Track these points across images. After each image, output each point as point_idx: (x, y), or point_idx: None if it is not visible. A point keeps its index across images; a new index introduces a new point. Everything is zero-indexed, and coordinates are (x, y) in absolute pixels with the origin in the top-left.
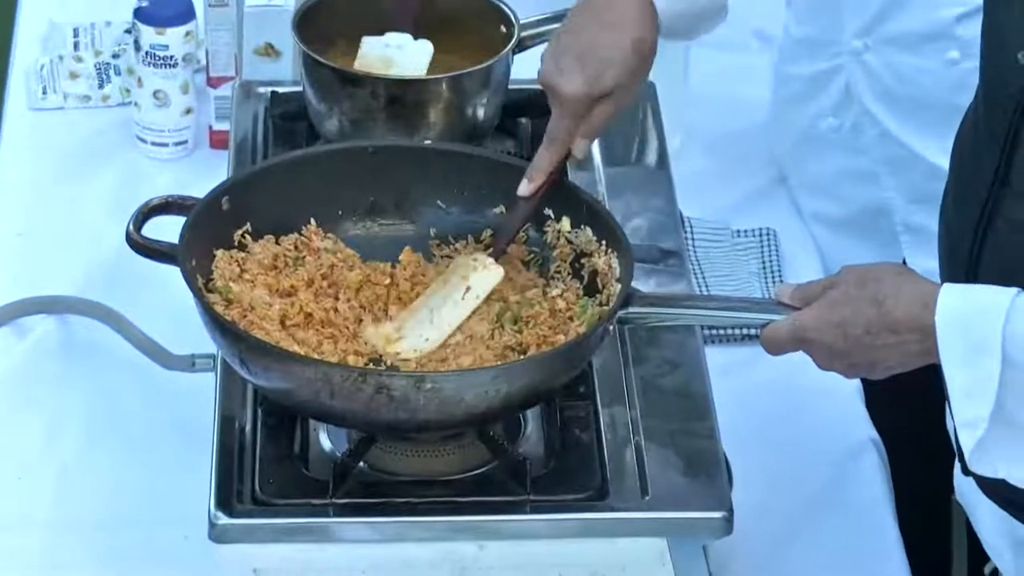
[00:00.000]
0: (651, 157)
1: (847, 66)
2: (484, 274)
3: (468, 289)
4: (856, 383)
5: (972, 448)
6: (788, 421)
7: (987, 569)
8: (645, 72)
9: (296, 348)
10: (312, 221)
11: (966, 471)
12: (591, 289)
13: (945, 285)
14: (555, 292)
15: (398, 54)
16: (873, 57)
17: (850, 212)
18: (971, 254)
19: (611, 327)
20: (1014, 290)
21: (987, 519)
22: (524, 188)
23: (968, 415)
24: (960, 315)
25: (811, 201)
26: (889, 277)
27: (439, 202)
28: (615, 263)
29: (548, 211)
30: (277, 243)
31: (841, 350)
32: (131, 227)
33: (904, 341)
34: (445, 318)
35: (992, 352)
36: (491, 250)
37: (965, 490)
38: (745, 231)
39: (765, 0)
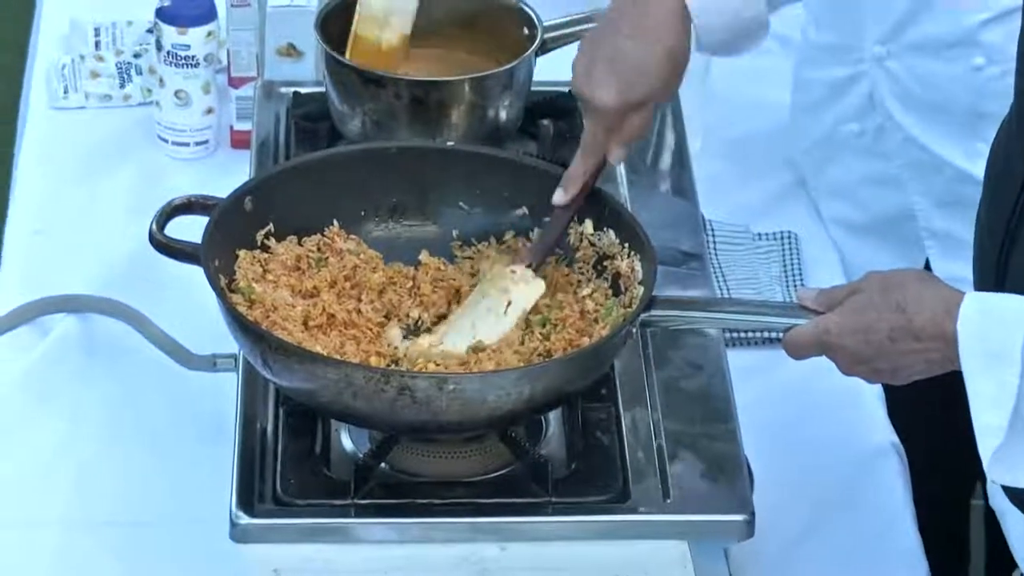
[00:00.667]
0: (672, 160)
1: (870, 72)
2: (526, 288)
3: (510, 304)
4: (877, 388)
5: (990, 457)
6: (809, 424)
7: None
8: (678, 81)
9: (318, 349)
10: (335, 222)
11: (989, 477)
12: (615, 291)
13: (968, 293)
14: (585, 292)
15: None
16: (896, 63)
17: (872, 217)
18: (999, 261)
19: (634, 330)
20: None
21: (1016, 526)
22: (559, 197)
23: (987, 423)
24: (981, 324)
25: (832, 205)
26: (913, 284)
27: (461, 203)
28: (638, 266)
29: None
30: (300, 244)
31: (864, 356)
32: (154, 226)
33: (926, 348)
34: (487, 332)
35: (1012, 361)
36: (528, 261)
37: (997, 498)
38: (766, 234)
39: None
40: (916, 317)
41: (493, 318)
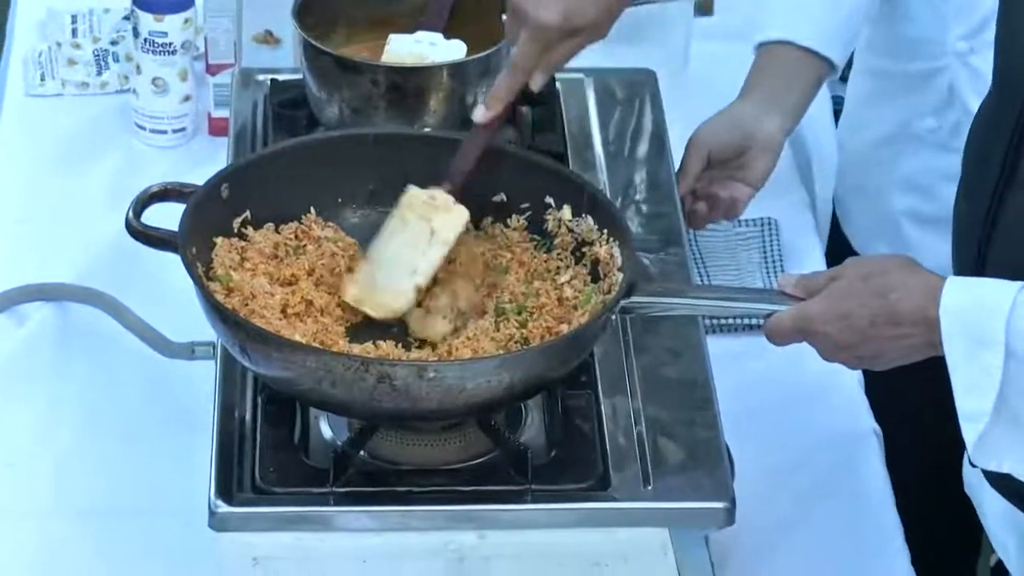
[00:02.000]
0: (651, 146)
1: (951, 67)
2: (448, 217)
3: (433, 233)
4: (857, 374)
5: (975, 442)
6: (789, 411)
7: (992, 561)
8: (618, 14)
9: (297, 337)
10: (312, 210)
11: (973, 463)
12: (594, 278)
13: (950, 279)
14: (563, 279)
15: (431, 51)
16: (979, 59)
17: (944, 210)
18: (979, 247)
19: (613, 317)
20: (1018, 284)
21: (993, 511)
22: (480, 114)
23: (970, 408)
24: (964, 309)
25: (903, 199)
26: (894, 270)
27: (440, 189)
28: (616, 252)
29: (549, 199)
30: (277, 232)
31: (845, 342)
32: (130, 214)
33: (908, 334)
34: (417, 268)
35: (995, 346)
36: (448, 186)
37: (973, 482)
38: (747, 220)
39: None
40: (897, 303)
41: (421, 250)
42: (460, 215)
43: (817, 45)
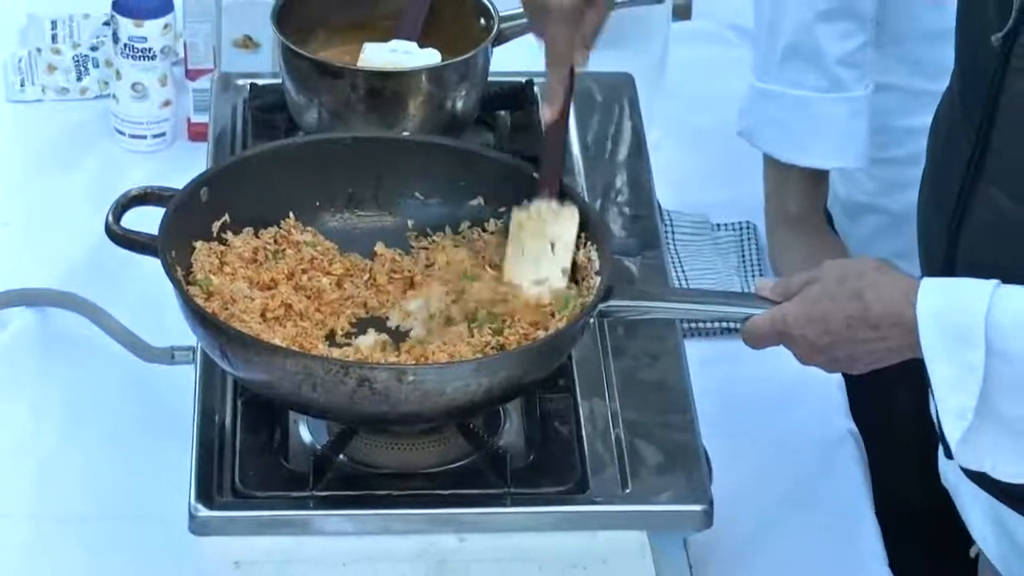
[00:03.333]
0: (629, 150)
1: None
2: (563, 223)
3: (553, 244)
4: (836, 377)
5: (958, 440)
6: (767, 414)
7: (972, 552)
8: None
9: (276, 341)
10: (291, 214)
11: (949, 455)
12: (572, 281)
13: (924, 279)
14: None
15: (406, 59)
16: None
17: None
18: (948, 240)
19: (591, 320)
20: (993, 282)
21: (971, 502)
22: (548, 113)
23: (953, 407)
24: (941, 308)
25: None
26: (870, 272)
27: (417, 193)
28: (594, 256)
29: (526, 203)
30: (257, 236)
31: (821, 345)
32: (110, 218)
33: (885, 336)
34: (549, 273)
35: (976, 343)
36: (549, 194)
37: (949, 475)
38: (725, 225)
39: None
40: (873, 305)
41: (546, 262)
42: (571, 215)
43: None
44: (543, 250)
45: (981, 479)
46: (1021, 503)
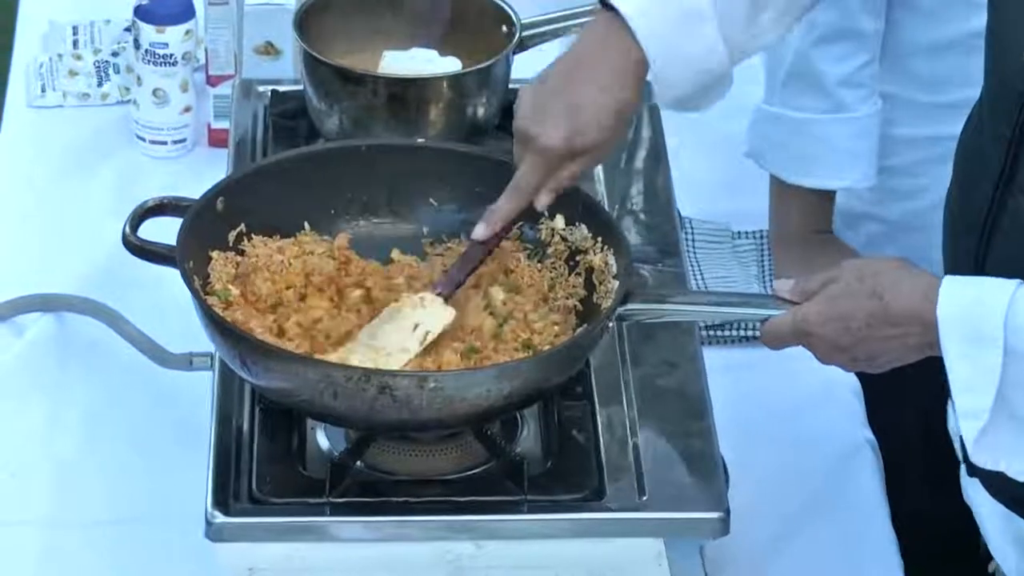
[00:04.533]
0: (649, 158)
1: None
2: (435, 314)
3: (417, 325)
4: (854, 385)
5: (974, 439)
6: (785, 422)
7: (991, 568)
8: (623, 135)
9: (293, 349)
10: (306, 225)
11: (972, 472)
12: (588, 287)
13: (946, 278)
14: (560, 295)
15: (426, 67)
16: None
17: None
18: (977, 253)
19: (610, 324)
20: (1015, 282)
21: (992, 519)
22: (480, 231)
23: (969, 407)
24: (961, 308)
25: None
26: (889, 270)
27: (432, 200)
28: (611, 260)
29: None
30: (280, 252)
31: (842, 344)
32: (127, 229)
33: (905, 334)
34: (406, 347)
35: (994, 344)
36: (440, 290)
37: (971, 491)
38: (745, 233)
39: None
40: (893, 303)
41: (398, 336)
42: (447, 314)
43: None
44: (406, 325)
45: (1001, 492)
46: None
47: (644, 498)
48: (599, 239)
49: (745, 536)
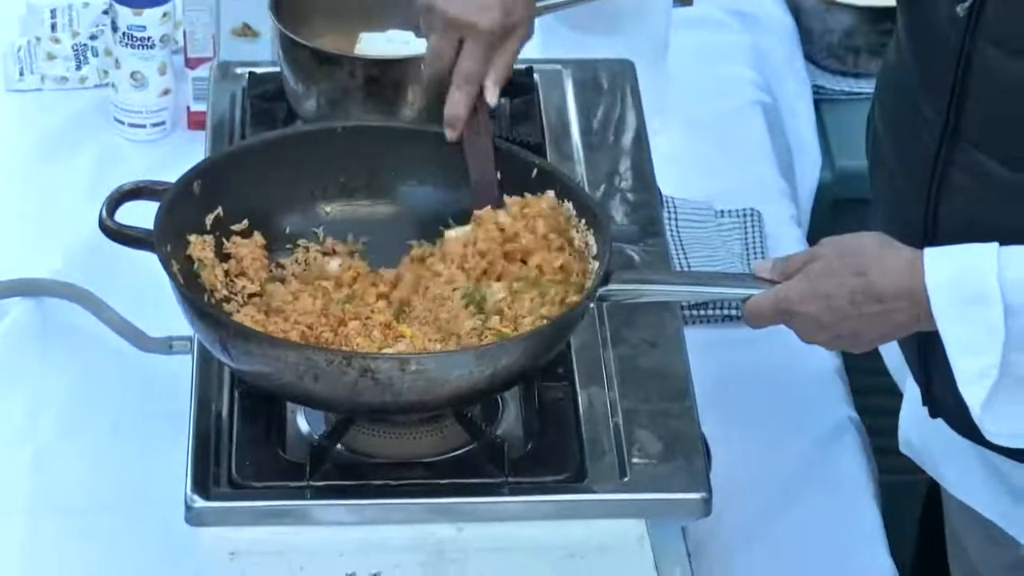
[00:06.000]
0: (630, 137)
1: None
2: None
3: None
4: (837, 363)
5: (983, 403)
6: (768, 401)
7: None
8: (534, 9)
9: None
10: (323, 234)
11: (935, 413)
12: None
13: (927, 250)
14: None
15: (403, 49)
16: None
17: None
18: (927, 209)
19: (591, 304)
20: (993, 244)
21: (947, 456)
22: (450, 135)
23: (974, 369)
24: (950, 272)
25: None
26: (871, 247)
27: (412, 180)
28: (591, 240)
29: (525, 193)
30: (280, 267)
31: (825, 322)
32: (104, 213)
33: (890, 310)
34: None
35: (992, 301)
36: (485, 202)
37: (913, 438)
38: (728, 211)
39: None
40: (879, 279)
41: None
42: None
43: None
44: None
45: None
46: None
47: (625, 479)
48: (581, 220)
49: (728, 516)
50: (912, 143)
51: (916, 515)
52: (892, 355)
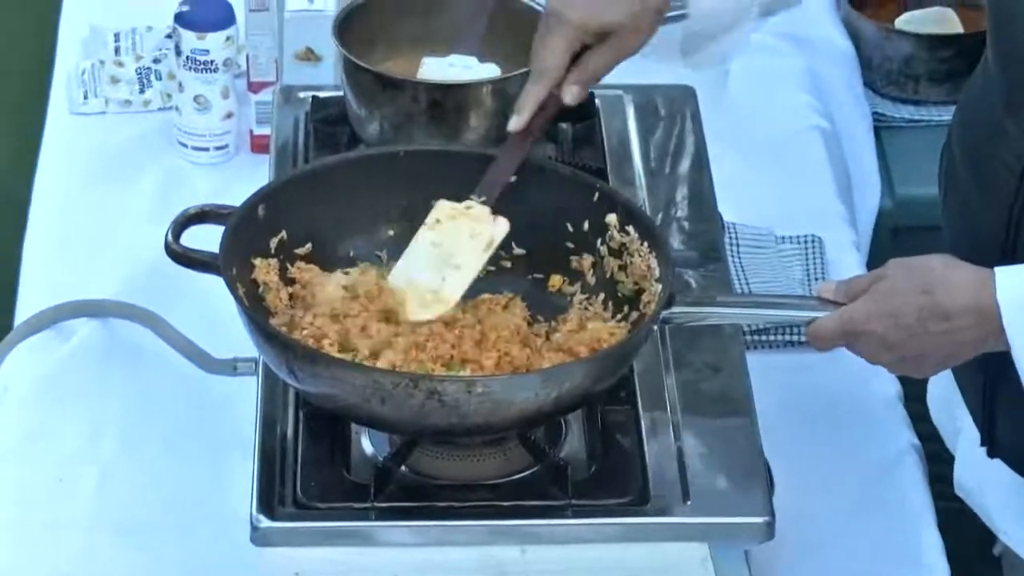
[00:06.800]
0: (691, 162)
1: None
2: (488, 226)
3: (473, 235)
4: (897, 388)
5: None
6: (829, 426)
7: (996, 551)
8: (648, 27)
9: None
10: (386, 257)
11: (993, 452)
12: (617, 308)
13: (997, 268)
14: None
15: (465, 74)
16: None
17: None
18: (1007, 235)
19: (655, 327)
20: None
21: (995, 496)
22: (514, 123)
23: None
24: (1022, 289)
25: None
26: (938, 266)
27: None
28: (653, 263)
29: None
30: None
31: (892, 341)
32: (169, 237)
33: (958, 328)
34: (460, 263)
35: None
36: (483, 197)
37: (966, 480)
38: (789, 237)
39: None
40: (946, 297)
41: (461, 245)
42: (501, 226)
43: None
44: (461, 233)
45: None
46: None
47: (688, 503)
48: (645, 244)
49: (790, 540)
50: (992, 164)
51: (976, 541)
52: (938, 405)
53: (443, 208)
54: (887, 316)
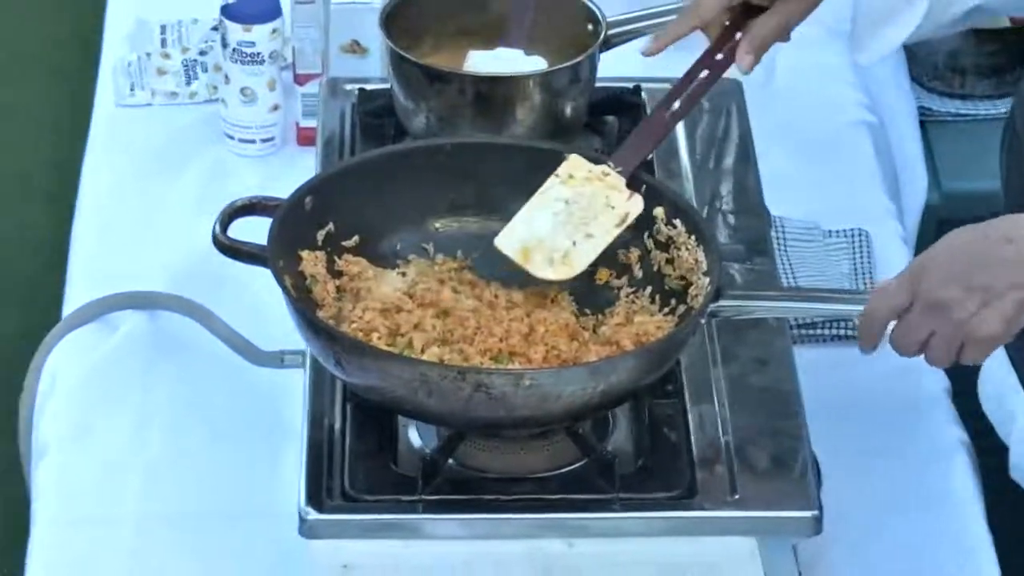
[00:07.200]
0: (737, 156)
1: None
2: (624, 199)
3: (609, 205)
4: (946, 383)
5: None
6: (877, 420)
7: None
8: None
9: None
10: (433, 250)
11: None
12: (663, 302)
13: None
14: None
15: (511, 67)
16: None
17: None
18: None
19: (702, 321)
20: None
21: None
22: (644, 47)
23: None
24: None
25: None
26: (994, 220)
27: (521, 197)
28: (701, 256)
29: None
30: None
31: (957, 271)
32: (217, 229)
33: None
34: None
35: None
36: (619, 166)
37: (1021, 463)
38: (837, 231)
39: None
40: (1007, 223)
41: (582, 230)
42: (637, 204)
43: None
44: (588, 213)
45: None
46: None
47: (736, 496)
48: (692, 237)
49: (838, 534)
50: None
51: None
52: (989, 395)
53: (578, 164)
54: (948, 248)
